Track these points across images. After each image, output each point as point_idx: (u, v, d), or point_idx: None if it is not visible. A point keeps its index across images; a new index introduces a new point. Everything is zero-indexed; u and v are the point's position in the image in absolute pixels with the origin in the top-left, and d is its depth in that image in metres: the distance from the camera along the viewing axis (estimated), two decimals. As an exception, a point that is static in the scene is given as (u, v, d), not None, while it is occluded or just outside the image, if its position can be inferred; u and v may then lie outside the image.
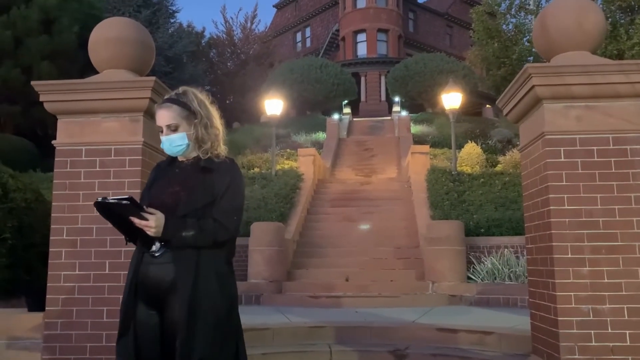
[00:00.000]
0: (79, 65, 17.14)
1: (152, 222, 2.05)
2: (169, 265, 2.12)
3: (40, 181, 10.66)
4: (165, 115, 2.23)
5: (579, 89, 3.50)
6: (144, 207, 2.09)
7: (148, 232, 2.08)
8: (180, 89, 2.31)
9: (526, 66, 3.55)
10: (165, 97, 2.30)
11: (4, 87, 17.25)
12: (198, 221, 2.12)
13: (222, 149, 2.29)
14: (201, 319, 2.07)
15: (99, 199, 2.07)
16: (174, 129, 2.22)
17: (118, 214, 2.11)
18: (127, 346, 2.15)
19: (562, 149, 3.50)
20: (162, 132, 2.24)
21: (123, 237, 2.23)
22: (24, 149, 16.72)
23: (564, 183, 3.47)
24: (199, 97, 2.29)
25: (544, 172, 3.55)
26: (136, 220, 2.06)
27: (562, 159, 3.49)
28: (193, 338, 2.05)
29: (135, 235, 2.18)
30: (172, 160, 2.34)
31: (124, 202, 2.03)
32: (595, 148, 3.48)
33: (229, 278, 2.21)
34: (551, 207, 3.46)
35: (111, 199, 2.05)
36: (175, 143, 2.23)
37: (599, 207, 3.42)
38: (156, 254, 2.15)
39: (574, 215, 3.43)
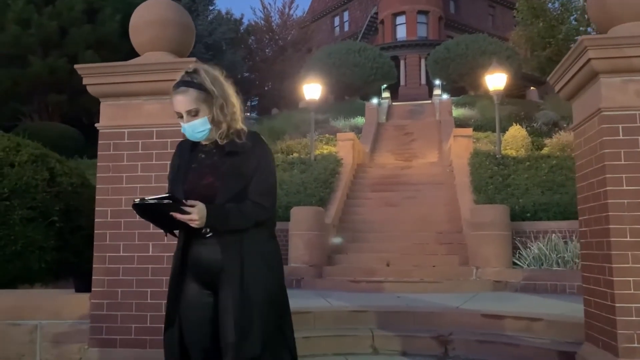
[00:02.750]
0: (122, 55, 17.21)
1: (195, 215, 2.02)
2: (217, 247, 2.12)
3: (87, 167, 10.89)
4: (183, 101, 2.12)
5: (639, 61, 3.27)
6: (183, 200, 2.05)
7: (192, 225, 2.04)
8: (191, 67, 2.17)
9: (581, 38, 3.34)
10: (178, 79, 2.15)
11: (52, 76, 17.75)
12: (237, 205, 2.10)
13: (240, 126, 2.19)
14: (253, 299, 2.07)
15: (136, 201, 2.01)
16: (194, 114, 2.12)
17: (158, 212, 2.07)
18: (172, 338, 2.18)
19: (620, 125, 3.29)
20: (181, 118, 2.14)
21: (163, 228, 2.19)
22: (70, 136, 17.20)
23: (623, 162, 3.27)
24: (212, 73, 2.16)
25: (600, 151, 3.36)
26: (179, 216, 2.02)
27: (621, 137, 3.28)
28: (248, 317, 2.05)
29: (174, 228, 2.17)
30: (195, 142, 2.27)
31: (165, 201, 1.99)
32: (657, 125, 3.26)
33: (274, 254, 2.22)
34: (608, 188, 3.27)
35: (150, 199, 2.00)
36: (197, 129, 2.15)
37: (662, 187, 3.21)
38: (207, 235, 2.14)
39: (634, 196, 3.23)
